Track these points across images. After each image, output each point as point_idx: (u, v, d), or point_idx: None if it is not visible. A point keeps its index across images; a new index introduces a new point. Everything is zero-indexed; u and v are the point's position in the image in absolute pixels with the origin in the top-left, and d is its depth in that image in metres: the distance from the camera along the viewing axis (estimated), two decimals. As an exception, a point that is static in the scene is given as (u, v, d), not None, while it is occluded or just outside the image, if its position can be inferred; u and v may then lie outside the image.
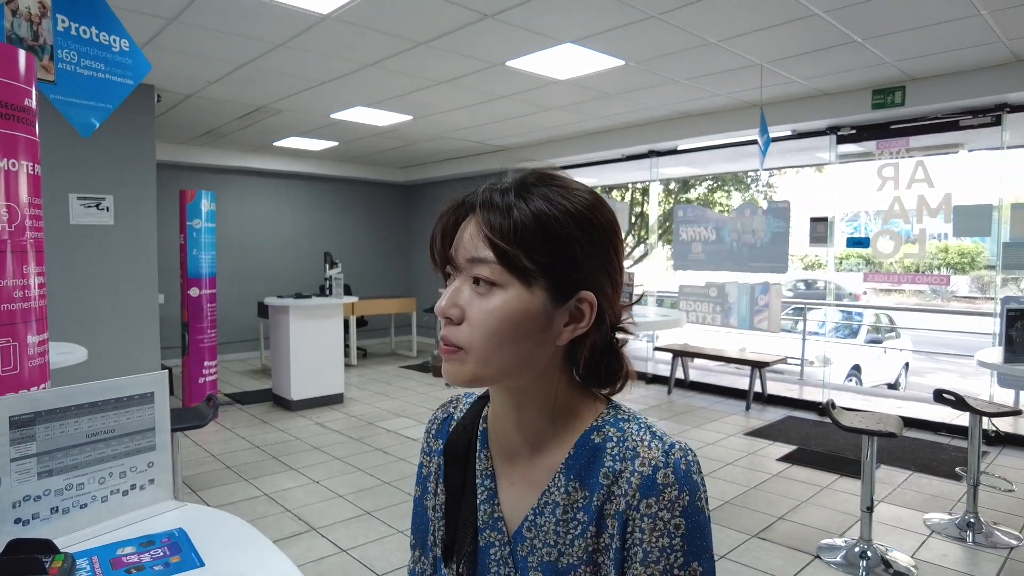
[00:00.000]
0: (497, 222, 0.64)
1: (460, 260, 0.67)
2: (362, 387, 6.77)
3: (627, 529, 0.64)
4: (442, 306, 0.67)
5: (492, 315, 0.65)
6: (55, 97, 1.96)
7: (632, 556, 0.63)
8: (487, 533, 0.72)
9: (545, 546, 0.68)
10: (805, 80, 4.84)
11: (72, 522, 1.06)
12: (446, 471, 0.77)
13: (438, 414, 0.84)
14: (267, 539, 1.06)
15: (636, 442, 0.66)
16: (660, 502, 0.62)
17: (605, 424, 0.69)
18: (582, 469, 0.68)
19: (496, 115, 6.08)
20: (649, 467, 0.63)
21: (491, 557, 0.71)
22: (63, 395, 1.05)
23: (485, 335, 0.65)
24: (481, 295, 0.65)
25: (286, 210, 9.19)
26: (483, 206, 0.66)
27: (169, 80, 4.90)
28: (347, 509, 3.54)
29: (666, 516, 0.62)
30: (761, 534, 3.22)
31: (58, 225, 4.49)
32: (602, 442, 0.68)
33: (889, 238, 5.18)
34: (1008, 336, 2.58)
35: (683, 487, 0.63)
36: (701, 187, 13.25)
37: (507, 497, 0.72)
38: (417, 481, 0.84)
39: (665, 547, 0.62)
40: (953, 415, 4.98)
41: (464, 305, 0.66)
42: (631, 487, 0.64)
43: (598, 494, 0.66)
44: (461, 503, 0.75)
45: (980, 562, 2.95)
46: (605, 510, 0.65)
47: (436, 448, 0.81)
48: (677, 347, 6.69)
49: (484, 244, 0.65)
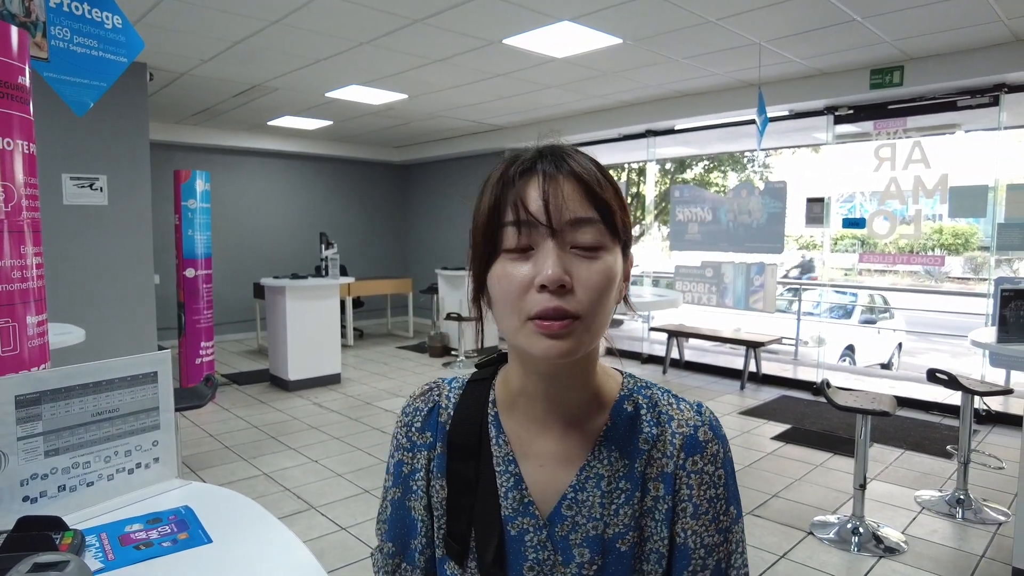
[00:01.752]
0: (594, 181, 0.63)
1: (560, 222, 0.62)
2: (359, 367, 6.79)
3: (675, 488, 0.68)
4: (557, 273, 0.60)
5: (603, 278, 0.62)
6: (48, 75, 1.94)
7: (682, 512, 0.68)
8: (518, 521, 0.68)
9: (590, 520, 0.67)
10: (803, 60, 4.81)
11: (79, 500, 1.07)
12: (450, 465, 0.71)
13: (418, 405, 0.76)
14: (272, 516, 1.07)
15: (666, 406, 0.71)
16: (704, 457, 0.68)
17: (632, 392, 0.72)
18: (621, 438, 0.69)
19: (493, 94, 6.03)
20: (689, 427, 0.69)
21: (526, 544, 0.68)
22: (67, 375, 1.05)
23: (596, 301, 0.62)
24: (587, 258, 0.62)
25: (281, 190, 9.13)
26: (562, 169, 0.63)
27: (162, 58, 4.84)
28: (346, 488, 3.57)
29: (710, 469, 0.68)
30: (755, 511, 3.27)
31: (51, 206, 4.45)
32: (635, 410, 0.71)
33: (885, 219, 5.19)
34: (1002, 316, 2.60)
35: (719, 440, 0.70)
36: (698, 167, 13.22)
37: (535, 479, 0.69)
38: (395, 481, 0.75)
39: (712, 497, 0.68)
40: (945, 395, 5.04)
41: (570, 271, 0.61)
42: (675, 448, 0.68)
43: (640, 460, 0.68)
44: (475, 497, 0.70)
45: (969, 537, 3.00)
46: (647, 474, 0.68)
47: (423, 442, 0.74)
48: (672, 327, 6.72)
49: (588, 204, 0.62)
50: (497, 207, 0.64)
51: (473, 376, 0.76)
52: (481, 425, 0.72)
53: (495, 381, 0.75)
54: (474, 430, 0.71)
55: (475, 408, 0.73)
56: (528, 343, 0.62)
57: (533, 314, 0.61)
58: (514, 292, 0.62)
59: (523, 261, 0.62)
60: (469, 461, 0.70)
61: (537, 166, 0.64)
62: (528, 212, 0.62)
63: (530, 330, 0.62)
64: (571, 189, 0.62)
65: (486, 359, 0.77)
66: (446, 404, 0.74)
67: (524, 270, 0.62)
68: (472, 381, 0.75)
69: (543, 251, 0.61)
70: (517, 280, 0.62)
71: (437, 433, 0.73)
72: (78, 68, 1.95)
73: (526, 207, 0.62)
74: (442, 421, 0.73)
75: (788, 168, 12.06)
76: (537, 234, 0.62)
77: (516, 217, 0.62)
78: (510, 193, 0.63)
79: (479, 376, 0.76)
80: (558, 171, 0.63)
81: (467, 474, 0.70)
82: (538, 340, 0.61)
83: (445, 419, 0.73)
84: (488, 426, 0.72)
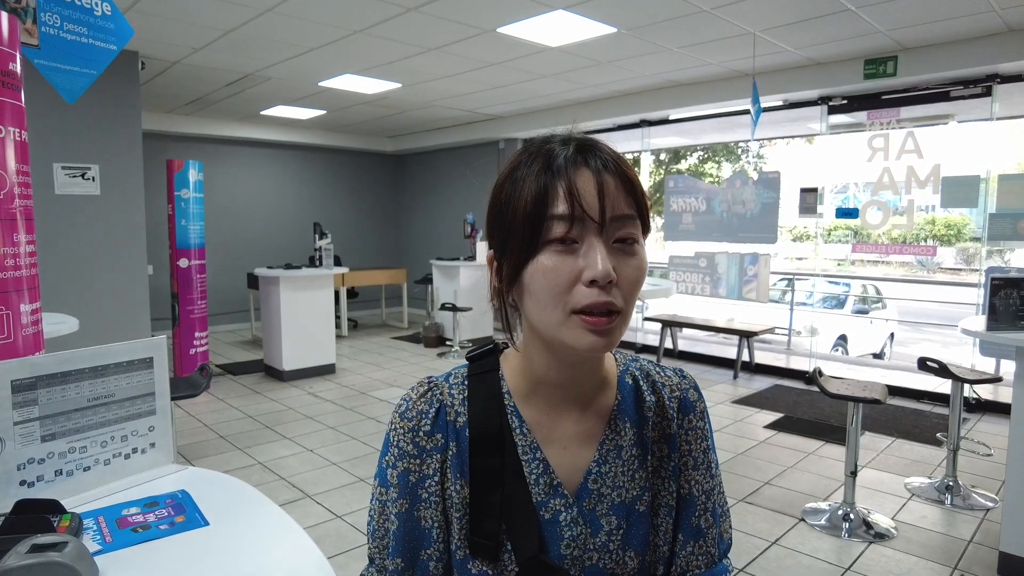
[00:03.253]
0: (635, 179, 0.66)
1: (609, 218, 0.63)
2: (353, 358, 6.79)
3: (678, 446, 0.75)
4: (607, 269, 0.61)
5: (640, 273, 0.65)
6: (39, 62, 1.92)
7: (684, 465, 0.76)
8: (552, 503, 0.70)
9: (615, 489, 0.72)
10: (798, 49, 4.81)
11: (76, 484, 1.08)
12: (473, 462, 0.70)
13: (422, 407, 0.72)
14: (269, 500, 1.08)
15: (656, 375, 0.78)
16: (696, 415, 0.77)
17: (628, 367, 0.78)
18: (630, 409, 0.75)
19: (487, 83, 6.02)
20: (680, 391, 0.77)
21: (560, 524, 0.70)
22: (64, 360, 1.06)
23: (633, 294, 0.65)
24: (626, 253, 0.64)
25: (275, 180, 9.09)
26: (609, 166, 0.64)
27: (153, 47, 4.80)
28: (341, 476, 3.58)
29: (700, 424, 0.77)
30: (748, 499, 3.30)
31: (43, 195, 4.42)
32: (634, 382, 0.77)
33: (878, 209, 5.22)
34: (991, 304, 2.62)
35: (701, 398, 0.79)
36: (692, 158, 13.22)
37: (560, 461, 0.72)
38: (401, 494, 0.70)
39: (705, 448, 0.77)
40: (936, 383, 5.09)
41: (614, 266, 0.62)
42: (674, 411, 0.76)
43: (646, 426, 0.75)
44: (502, 490, 0.69)
45: (957, 523, 3.05)
46: (652, 437, 0.75)
47: (433, 445, 0.71)
48: (666, 317, 6.75)
49: (631, 201, 0.65)
50: (544, 198, 0.63)
51: (472, 370, 0.74)
52: (501, 417, 0.71)
53: (501, 372, 0.74)
54: (495, 423, 0.70)
55: (491, 401, 0.72)
56: (572, 337, 0.63)
57: (580, 307, 0.62)
58: (561, 286, 0.62)
59: (569, 255, 0.62)
60: (494, 455, 0.70)
61: (588, 160, 0.64)
62: (582, 207, 0.62)
63: (575, 324, 0.62)
64: (618, 186, 0.64)
65: (478, 351, 0.76)
66: (451, 402, 0.72)
67: (571, 264, 0.62)
68: (473, 375, 0.74)
69: (592, 246, 0.62)
70: (565, 273, 0.62)
71: (449, 433, 0.71)
72: (68, 55, 1.94)
73: (580, 201, 0.62)
74: (451, 420, 0.71)
75: (782, 159, 12.07)
76: (585, 228, 0.62)
77: (571, 211, 0.62)
78: (560, 184, 0.62)
79: (478, 369, 0.74)
80: (605, 168, 0.64)
81: (493, 468, 0.69)
82: (584, 335, 0.62)
83: (454, 417, 0.71)
84: (509, 417, 0.72)
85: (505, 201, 0.66)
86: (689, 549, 0.75)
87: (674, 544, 0.75)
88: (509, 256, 0.66)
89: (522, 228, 0.64)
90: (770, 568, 2.63)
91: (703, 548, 0.75)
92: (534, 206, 0.63)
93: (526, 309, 0.67)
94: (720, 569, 0.76)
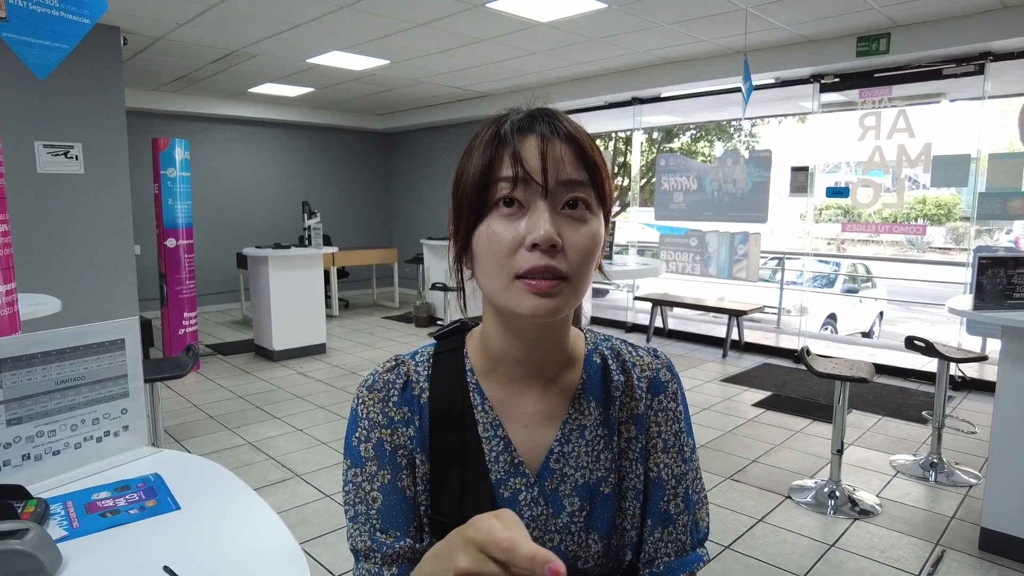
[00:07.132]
0: (587, 145, 0.64)
1: (554, 183, 0.62)
2: (344, 337, 6.78)
3: (647, 427, 0.74)
4: (549, 232, 0.60)
5: (590, 241, 0.63)
6: (7, 35, 1.86)
7: (653, 448, 0.74)
8: (511, 482, 0.69)
9: (578, 470, 0.71)
10: (790, 26, 4.76)
11: (45, 469, 1.06)
12: (434, 438, 0.69)
13: (390, 378, 0.71)
14: (244, 483, 1.07)
15: (628, 354, 0.76)
16: (667, 396, 0.75)
17: (597, 345, 0.76)
18: (596, 389, 0.73)
19: (476, 59, 5.93)
20: (651, 371, 0.75)
21: (520, 503, 0.69)
22: (28, 342, 1.03)
23: (583, 263, 0.63)
24: (576, 221, 0.63)
25: (263, 159, 8.99)
26: (558, 131, 0.64)
27: (135, 21, 4.69)
28: (330, 456, 3.58)
29: (672, 406, 0.75)
30: (735, 476, 3.32)
31: (25, 174, 4.35)
32: (602, 361, 0.75)
33: (869, 188, 5.20)
34: (979, 284, 2.62)
35: (675, 378, 0.76)
36: (684, 136, 13.15)
37: (521, 439, 0.71)
38: (380, 465, 0.68)
39: (676, 431, 0.75)
40: (923, 362, 5.12)
41: (560, 232, 0.62)
42: (642, 391, 0.74)
43: (613, 406, 0.73)
44: (464, 467, 0.68)
45: (940, 499, 3.08)
46: (619, 418, 0.73)
47: (401, 417, 0.70)
48: (657, 296, 6.76)
49: (580, 167, 0.63)
50: (491, 164, 0.63)
51: (437, 348, 0.74)
52: (463, 394, 0.71)
53: (466, 350, 0.74)
54: (456, 400, 0.70)
55: (454, 378, 0.72)
56: (515, 301, 0.62)
57: (523, 271, 0.61)
58: (504, 250, 0.62)
59: (513, 219, 0.62)
60: (454, 432, 0.69)
61: (535, 127, 0.64)
62: (525, 169, 0.62)
63: (519, 288, 0.62)
64: (566, 151, 0.63)
65: (443, 330, 0.76)
66: (416, 378, 0.72)
67: (515, 228, 0.62)
68: (439, 353, 0.74)
69: (536, 210, 0.62)
70: (507, 238, 0.62)
71: (413, 408, 0.70)
72: (38, 28, 1.88)
73: (523, 164, 0.62)
74: (416, 395, 0.71)
75: (774, 138, 12.03)
76: (530, 192, 0.62)
77: (514, 173, 0.62)
78: (506, 150, 0.63)
79: (444, 347, 0.74)
80: (554, 133, 0.63)
81: (453, 445, 0.69)
82: (526, 298, 0.62)
83: (419, 392, 0.71)
84: (471, 394, 0.71)
85: (460, 173, 0.67)
86: (657, 535, 0.73)
87: (642, 529, 0.73)
88: (462, 223, 0.67)
89: (471, 194, 0.64)
90: (756, 545, 2.66)
91: (672, 535, 0.73)
92: (482, 172, 0.63)
93: (477, 277, 0.67)
94: (692, 558, 0.73)
